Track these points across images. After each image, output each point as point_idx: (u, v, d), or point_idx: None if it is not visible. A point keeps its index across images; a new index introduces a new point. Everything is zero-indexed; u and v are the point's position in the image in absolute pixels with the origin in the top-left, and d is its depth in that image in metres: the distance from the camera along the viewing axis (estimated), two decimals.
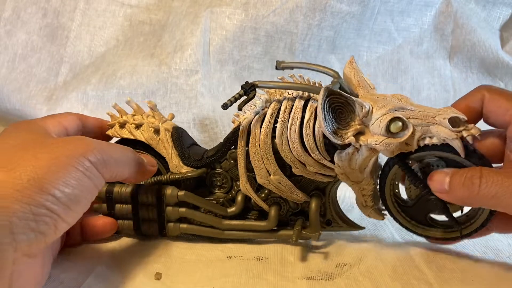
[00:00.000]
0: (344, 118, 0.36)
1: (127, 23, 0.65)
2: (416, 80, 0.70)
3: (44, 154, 0.28)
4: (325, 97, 0.35)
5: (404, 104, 0.36)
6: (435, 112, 0.35)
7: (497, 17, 0.70)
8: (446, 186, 0.35)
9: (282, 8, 0.63)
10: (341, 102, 0.36)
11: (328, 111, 0.35)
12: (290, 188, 0.41)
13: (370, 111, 0.35)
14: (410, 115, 0.35)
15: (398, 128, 0.35)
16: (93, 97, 0.64)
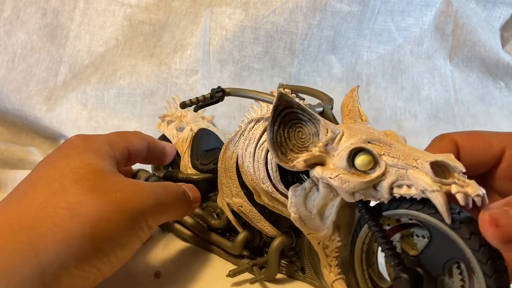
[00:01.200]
0: (303, 140, 0.28)
1: (126, 23, 0.64)
2: (416, 80, 0.70)
3: (104, 203, 0.26)
4: (278, 106, 0.27)
5: (386, 139, 0.27)
6: (421, 155, 0.24)
7: (498, 17, 0.70)
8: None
9: (282, 8, 0.63)
10: (303, 120, 0.28)
11: (281, 125, 0.28)
12: (255, 216, 0.34)
13: (337, 138, 0.27)
14: (386, 151, 0.25)
15: (365, 163, 0.25)
16: (93, 97, 0.64)
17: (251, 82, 0.66)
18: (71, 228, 0.24)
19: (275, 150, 0.28)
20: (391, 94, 0.70)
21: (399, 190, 0.25)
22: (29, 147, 0.63)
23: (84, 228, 0.25)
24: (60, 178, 0.27)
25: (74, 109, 0.63)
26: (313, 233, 0.30)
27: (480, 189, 0.22)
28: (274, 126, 0.28)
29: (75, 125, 0.63)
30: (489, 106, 0.72)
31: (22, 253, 0.23)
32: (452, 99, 0.71)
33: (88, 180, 0.27)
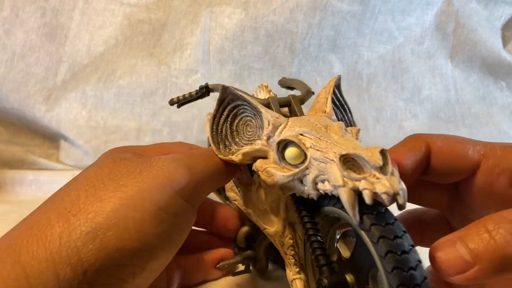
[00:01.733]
0: (250, 134, 0.27)
1: (126, 22, 0.64)
2: (417, 80, 0.70)
3: (114, 194, 0.21)
4: (223, 99, 0.27)
5: (321, 131, 0.24)
6: (341, 148, 0.22)
7: (499, 16, 0.70)
8: (468, 256, 0.19)
9: (282, 8, 0.63)
10: (251, 113, 0.27)
11: (228, 118, 0.28)
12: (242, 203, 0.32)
13: (278, 130, 0.25)
14: (314, 143, 0.23)
15: (293, 156, 0.24)
16: (92, 97, 0.63)
17: (251, 82, 0.66)
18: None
19: (214, 142, 0.27)
20: (391, 94, 0.70)
21: (322, 185, 0.23)
22: (28, 147, 0.63)
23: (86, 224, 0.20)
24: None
25: (73, 109, 0.63)
26: (267, 229, 0.29)
27: (394, 186, 0.20)
28: (220, 119, 0.28)
29: (74, 125, 0.63)
30: (490, 106, 0.72)
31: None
32: (453, 99, 0.71)
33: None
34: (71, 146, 0.63)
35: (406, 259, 0.20)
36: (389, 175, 0.20)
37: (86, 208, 0.21)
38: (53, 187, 0.25)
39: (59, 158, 0.64)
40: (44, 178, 0.58)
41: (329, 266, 0.23)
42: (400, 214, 0.30)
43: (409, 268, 0.19)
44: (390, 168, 0.21)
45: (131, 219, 0.20)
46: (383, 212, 0.21)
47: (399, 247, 0.20)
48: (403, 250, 0.20)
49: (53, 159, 0.64)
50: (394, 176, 0.21)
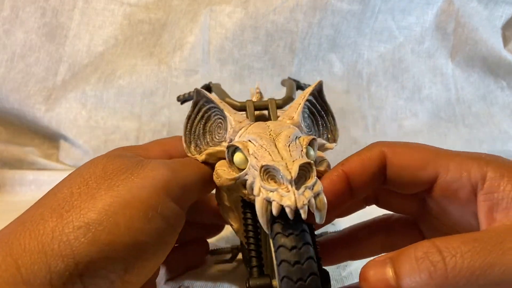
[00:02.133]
0: (220, 135, 0.28)
1: (126, 22, 0.64)
2: (417, 79, 0.70)
3: (105, 192, 0.22)
4: (198, 101, 0.28)
5: (266, 138, 0.24)
6: (269, 158, 0.23)
7: (499, 16, 0.70)
8: (393, 282, 0.20)
9: (282, 7, 0.63)
10: (222, 116, 0.28)
11: (202, 119, 0.29)
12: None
13: (237, 135, 0.26)
14: (256, 150, 0.24)
15: (240, 161, 0.25)
16: (92, 97, 0.63)
17: (251, 81, 0.65)
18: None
19: (186, 141, 0.28)
20: (392, 93, 0.69)
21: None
22: (28, 147, 0.63)
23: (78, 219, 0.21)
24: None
25: (73, 108, 0.63)
26: (232, 225, 0.29)
27: (300, 201, 0.20)
28: (195, 120, 0.29)
29: (74, 125, 0.63)
30: (490, 106, 0.72)
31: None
32: (453, 98, 0.70)
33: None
34: (71, 146, 0.63)
35: (297, 270, 0.20)
36: (305, 189, 0.21)
37: (78, 205, 0.21)
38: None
39: (59, 158, 0.64)
40: (44, 178, 0.58)
41: (259, 268, 0.24)
42: (370, 220, 0.30)
43: (298, 279, 0.20)
44: (310, 182, 0.21)
45: (121, 216, 0.21)
46: (293, 223, 0.21)
47: (293, 256, 0.20)
48: (297, 261, 0.20)
49: (53, 159, 0.64)
50: (311, 190, 0.21)
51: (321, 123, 0.30)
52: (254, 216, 0.25)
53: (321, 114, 0.30)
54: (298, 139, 0.25)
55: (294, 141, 0.24)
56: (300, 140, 0.25)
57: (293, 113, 0.28)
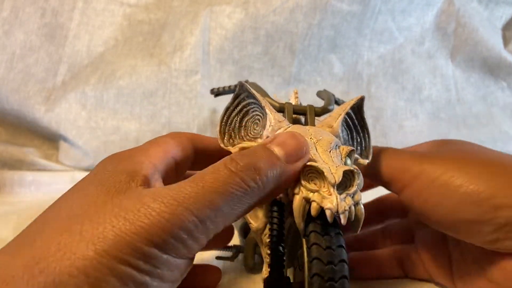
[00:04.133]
0: (255, 131, 0.28)
1: (126, 22, 0.64)
2: (417, 80, 0.70)
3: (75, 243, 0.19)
4: (239, 94, 0.28)
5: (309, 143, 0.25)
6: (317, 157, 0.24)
7: (500, 16, 0.70)
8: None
9: (282, 8, 0.63)
10: (261, 113, 0.28)
11: (240, 112, 0.28)
12: None
13: (276, 133, 0.26)
14: None
15: None
16: (92, 97, 0.63)
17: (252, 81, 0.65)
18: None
19: (221, 132, 0.28)
20: (392, 94, 0.69)
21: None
22: (28, 148, 0.63)
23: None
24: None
25: (73, 109, 0.63)
26: (251, 224, 0.29)
27: (341, 206, 0.21)
28: (233, 112, 0.28)
29: (74, 125, 0.62)
30: (490, 106, 0.72)
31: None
32: (453, 99, 0.70)
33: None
34: (71, 146, 0.63)
35: (329, 270, 0.21)
36: (346, 196, 0.22)
37: (51, 259, 0.18)
38: (52, 188, 0.24)
39: (59, 159, 0.63)
40: (43, 179, 0.58)
41: (280, 268, 0.24)
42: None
43: (329, 278, 0.20)
44: (352, 190, 0.22)
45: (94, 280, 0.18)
46: (329, 225, 0.22)
47: (327, 256, 0.21)
48: (330, 261, 0.21)
49: (53, 159, 0.63)
50: (352, 198, 0.22)
51: (356, 138, 0.30)
52: (281, 216, 0.25)
53: (357, 130, 0.30)
54: (339, 148, 0.25)
55: (335, 149, 0.25)
56: (340, 149, 0.25)
57: (333, 122, 0.28)
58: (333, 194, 0.21)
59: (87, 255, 0.18)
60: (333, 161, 0.23)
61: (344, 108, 0.28)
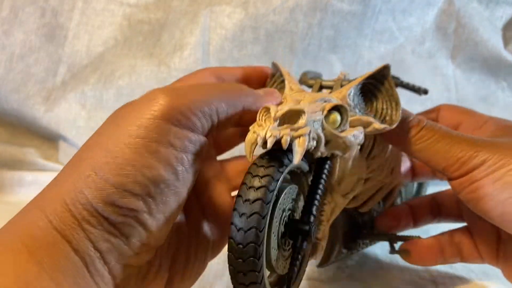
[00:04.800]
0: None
1: (125, 22, 0.64)
2: (417, 80, 0.69)
3: (105, 137, 0.22)
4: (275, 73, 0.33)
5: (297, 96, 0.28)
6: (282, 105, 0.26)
7: (500, 17, 0.70)
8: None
9: (282, 7, 0.63)
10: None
11: (277, 86, 0.32)
12: None
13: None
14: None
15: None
16: (91, 97, 0.63)
17: None
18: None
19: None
20: None
21: None
22: (27, 148, 0.63)
23: (88, 169, 0.21)
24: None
25: (72, 109, 0.63)
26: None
27: (270, 132, 0.22)
28: (272, 86, 0.32)
29: (74, 125, 0.63)
30: (491, 106, 0.72)
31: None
32: (453, 98, 0.70)
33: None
34: (71, 146, 0.63)
35: (245, 191, 0.22)
36: (286, 128, 0.22)
37: (87, 156, 0.22)
38: None
39: (59, 159, 0.63)
40: (43, 179, 0.58)
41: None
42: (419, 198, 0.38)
43: (245, 200, 0.22)
44: (296, 125, 0.23)
45: (123, 156, 0.21)
46: (273, 157, 0.23)
47: (246, 180, 0.22)
48: (251, 186, 0.22)
49: (53, 159, 0.63)
50: (294, 131, 0.22)
51: (382, 106, 0.30)
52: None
53: (383, 98, 0.30)
54: (324, 102, 0.26)
55: (318, 102, 0.25)
56: (325, 104, 0.25)
57: (344, 88, 0.28)
58: (269, 125, 0.22)
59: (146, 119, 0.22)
60: (294, 103, 0.25)
61: (362, 78, 0.29)
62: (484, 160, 0.26)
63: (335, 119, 0.25)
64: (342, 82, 0.31)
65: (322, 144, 0.24)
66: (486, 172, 0.26)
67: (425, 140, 0.29)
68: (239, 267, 0.21)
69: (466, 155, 0.27)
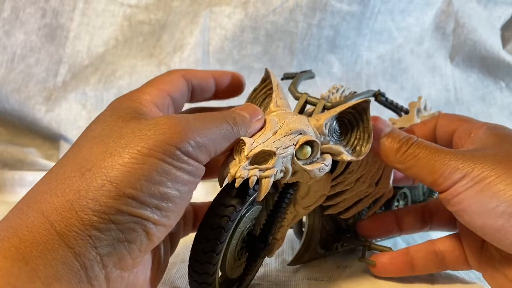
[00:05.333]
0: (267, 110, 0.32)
1: (126, 23, 0.64)
2: (416, 80, 0.70)
3: (119, 149, 0.23)
4: (266, 78, 0.33)
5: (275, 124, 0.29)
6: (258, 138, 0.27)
7: (499, 17, 0.70)
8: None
9: (282, 8, 0.63)
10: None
11: (264, 93, 0.33)
12: None
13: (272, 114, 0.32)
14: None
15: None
16: (92, 98, 0.64)
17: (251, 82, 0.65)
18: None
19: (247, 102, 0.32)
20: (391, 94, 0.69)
21: None
22: (28, 148, 0.63)
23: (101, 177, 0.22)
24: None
25: (73, 109, 0.63)
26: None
27: (240, 172, 0.24)
28: (260, 93, 0.33)
29: (75, 125, 0.63)
30: (489, 106, 0.72)
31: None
32: (452, 98, 0.71)
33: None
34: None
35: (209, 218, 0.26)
36: (254, 168, 0.25)
37: (99, 164, 0.23)
38: None
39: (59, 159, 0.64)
40: None
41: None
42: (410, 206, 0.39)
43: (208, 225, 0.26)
44: (264, 166, 0.25)
45: (140, 171, 0.23)
46: (240, 192, 0.26)
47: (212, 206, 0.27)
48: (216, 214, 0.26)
49: (53, 159, 0.64)
50: (262, 172, 0.25)
51: (355, 136, 0.31)
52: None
53: (359, 128, 0.30)
54: (298, 136, 0.27)
55: (293, 135, 0.27)
56: (299, 137, 0.27)
57: (323, 116, 0.29)
58: (241, 163, 0.25)
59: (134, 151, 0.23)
60: (272, 143, 0.26)
61: (343, 107, 0.29)
62: (465, 174, 0.27)
63: (306, 151, 0.27)
64: (326, 103, 0.32)
65: (289, 175, 0.27)
66: (468, 186, 0.27)
67: (410, 160, 0.30)
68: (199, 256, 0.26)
69: (447, 170, 0.28)
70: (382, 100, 0.36)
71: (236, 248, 0.30)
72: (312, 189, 0.31)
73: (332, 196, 0.33)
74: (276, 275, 0.37)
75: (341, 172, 0.32)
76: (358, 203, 0.36)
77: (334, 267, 0.38)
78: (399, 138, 0.31)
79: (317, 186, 0.31)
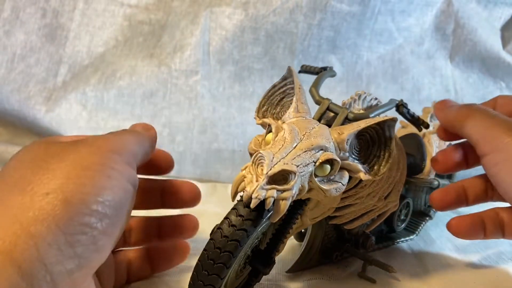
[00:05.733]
0: (284, 111, 0.31)
1: (126, 23, 0.64)
2: (416, 80, 0.70)
3: (59, 164, 0.23)
4: (287, 77, 0.32)
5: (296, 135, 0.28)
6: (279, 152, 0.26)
7: (499, 17, 0.70)
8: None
9: (282, 8, 0.63)
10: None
11: (282, 93, 0.32)
12: None
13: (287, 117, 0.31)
14: (278, 138, 0.28)
15: (268, 141, 0.28)
16: (92, 98, 0.64)
17: (251, 82, 0.66)
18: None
19: (260, 102, 0.31)
20: (391, 94, 0.69)
21: None
22: None
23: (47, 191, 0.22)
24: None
25: (73, 109, 0.63)
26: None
27: (257, 193, 0.23)
28: (278, 90, 0.31)
29: (75, 125, 0.63)
30: None
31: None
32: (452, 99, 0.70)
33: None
34: None
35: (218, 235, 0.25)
36: (272, 189, 0.24)
37: (37, 178, 0.22)
38: None
39: None
40: None
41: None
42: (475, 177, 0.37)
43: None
44: (283, 187, 0.24)
45: (85, 177, 0.23)
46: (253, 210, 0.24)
47: (223, 224, 0.25)
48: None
49: None
50: (280, 193, 0.24)
51: (375, 153, 0.29)
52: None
53: (380, 146, 0.29)
54: (319, 152, 0.26)
55: (313, 151, 0.26)
56: (320, 154, 0.26)
57: (346, 130, 0.28)
58: (259, 182, 0.23)
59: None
60: (293, 160, 0.25)
61: (367, 122, 0.28)
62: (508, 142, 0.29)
63: (325, 169, 0.26)
64: (349, 114, 0.30)
65: (304, 192, 0.26)
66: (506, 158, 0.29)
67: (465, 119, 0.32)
68: (203, 277, 0.24)
69: (502, 135, 0.30)
70: (404, 111, 0.35)
71: (240, 266, 0.29)
72: (322, 202, 0.30)
73: (341, 208, 0.32)
74: (276, 275, 0.37)
75: (354, 186, 0.31)
76: (364, 215, 0.35)
77: (334, 267, 0.38)
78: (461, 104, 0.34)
79: (327, 199, 0.30)
